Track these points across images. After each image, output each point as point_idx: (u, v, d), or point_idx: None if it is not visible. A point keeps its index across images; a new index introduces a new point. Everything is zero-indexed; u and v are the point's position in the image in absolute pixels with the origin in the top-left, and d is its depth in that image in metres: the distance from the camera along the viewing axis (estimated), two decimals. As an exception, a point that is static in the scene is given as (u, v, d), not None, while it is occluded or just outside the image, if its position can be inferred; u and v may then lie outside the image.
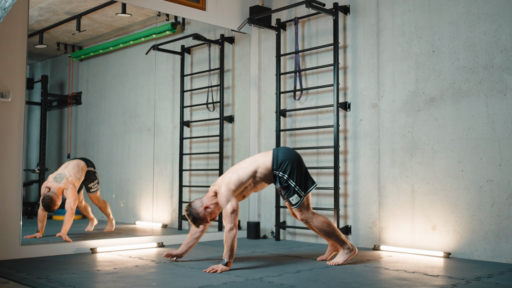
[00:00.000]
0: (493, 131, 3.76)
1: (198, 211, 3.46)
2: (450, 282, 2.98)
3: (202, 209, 3.46)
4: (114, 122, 5.47)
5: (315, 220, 3.56)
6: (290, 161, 3.53)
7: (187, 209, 3.49)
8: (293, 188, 3.50)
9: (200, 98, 5.50)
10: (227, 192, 3.40)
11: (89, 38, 5.31)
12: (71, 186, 4.43)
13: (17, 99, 3.81)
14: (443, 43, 4.06)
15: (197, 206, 3.47)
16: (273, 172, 3.53)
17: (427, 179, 4.08)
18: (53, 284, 2.85)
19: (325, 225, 3.55)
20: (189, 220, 3.49)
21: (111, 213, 4.92)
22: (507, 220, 3.67)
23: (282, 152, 3.57)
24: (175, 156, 5.45)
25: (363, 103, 4.55)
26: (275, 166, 3.52)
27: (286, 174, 3.50)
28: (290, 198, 3.51)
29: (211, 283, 2.94)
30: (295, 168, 3.52)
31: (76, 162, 4.72)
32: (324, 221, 3.56)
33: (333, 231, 3.57)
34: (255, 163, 3.55)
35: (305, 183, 3.55)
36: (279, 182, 3.53)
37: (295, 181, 3.50)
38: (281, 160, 3.53)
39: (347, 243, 3.59)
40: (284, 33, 5.22)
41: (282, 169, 3.51)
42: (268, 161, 3.54)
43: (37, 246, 3.88)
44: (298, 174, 3.52)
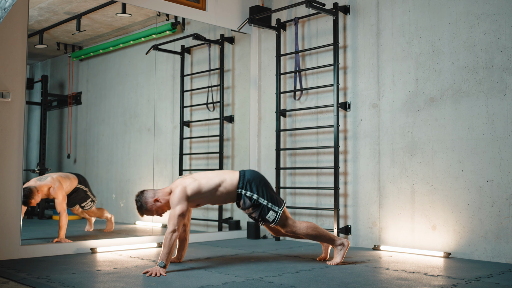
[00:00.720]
0: (493, 131, 3.76)
1: (148, 201, 3.38)
2: (450, 282, 2.98)
3: (151, 201, 3.38)
4: (114, 122, 5.48)
5: (300, 228, 3.52)
6: (257, 181, 3.48)
7: (137, 196, 3.41)
8: (266, 206, 3.43)
9: (200, 98, 5.50)
10: (181, 195, 3.32)
11: (89, 38, 5.31)
12: (58, 184, 4.29)
13: (17, 99, 3.81)
14: (443, 43, 4.06)
15: (148, 196, 3.39)
16: (238, 190, 3.45)
17: (427, 179, 4.08)
18: (53, 284, 2.85)
19: (310, 230, 3.52)
20: (136, 206, 3.41)
21: (108, 214, 4.90)
22: (507, 220, 3.67)
23: (248, 173, 3.52)
24: (175, 156, 5.45)
25: (363, 103, 4.55)
26: (241, 184, 3.45)
27: (255, 194, 3.43)
28: (266, 216, 3.44)
29: (211, 283, 2.94)
30: (263, 187, 3.48)
31: (66, 173, 4.59)
32: (308, 226, 3.52)
33: (320, 233, 3.54)
34: (221, 177, 3.47)
35: (277, 199, 3.50)
36: (249, 201, 3.44)
37: (266, 198, 3.45)
38: (248, 179, 3.46)
39: (337, 240, 3.57)
40: (284, 33, 5.22)
41: (249, 189, 3.44)
42: (234, 178, 3.47)
43: (37, 246, 3.88)
44: (267, 192, 3.47)
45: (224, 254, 4.02)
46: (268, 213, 3.44)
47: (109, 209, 5.08)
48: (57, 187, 4.29)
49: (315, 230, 3.53)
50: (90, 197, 4.57)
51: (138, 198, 3.41)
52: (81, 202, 4.54)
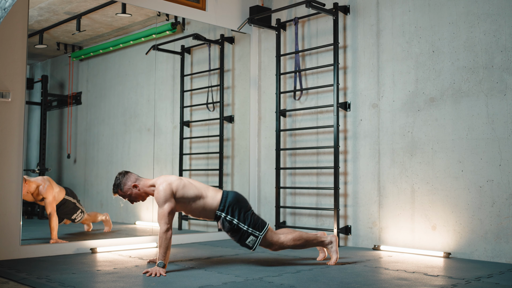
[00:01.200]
0: (493, 131, 3.76)
1: (126, 183, 3.33)
2: (450, 282, 2.98)
3: (130, 184, 3.33)
4: (114, 122, 5.48)
5: (286, 242, 3.47)
6: (239, 205, 3.42)
7: (120, 173, 3.37)
8: (246, 231, 3.38)
9: (200, 98, 5.50)
10: (167, 192, 3.27)
11: (89, 38, 5.31)
12: (48, 184, 4.25)
13: (17, 99, 3.81)
14: (443, 43, 4.06)
15: (130, 179, 3.34)
16: (217, 212, 3.40)
17: (427, 179, 4.08)
18: (53, 284, 2.85)
19: (296, 241, 3.48)
20: (114, 183, 3.37)
21: (101, 215, 4.86)
22: (507, 220, 3.67)
23: (231, 196, 3.45)
24: (175, 156, 5.45)
25: (363, 103, 4.55)
26: (222, 206, 3.40)
27: (235, 218, 3.38)
28: (246, 241, 3.40)
29: (211, 283, 2.94)
30: (244, 211, 3.42)
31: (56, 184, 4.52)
32: (293, 238, 3.47)
33: (306, 240, 3.50)
34: (205, 191, 3.42)
35: (258, 223, 3.43)
36: (228, 225, 3.40)
37: (247, 224, 3.39)
38: (230, 202, 3.40)
39: (325, 240, 3.54)
40: (284, 33, 5.22)
41: (230, 213, 3.39)
42: (216, 198, 3.41)
43: (37, 246, 3.88)
44: (248, 217, 3.41)
45: (224, 254, 4.02)
46: (248, 238, 3.39)
47: (109, 209, 5.08)
48: (47, 186, 4.25)
49: (300, 239, 3.48)
50: (79, 208, 4.48)
51: (120, 176, 3.36)
52: (71, 214, 4.44)
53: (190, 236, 4.89)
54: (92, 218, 4.73)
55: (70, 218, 4.45)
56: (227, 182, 5.39)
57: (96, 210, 5.00)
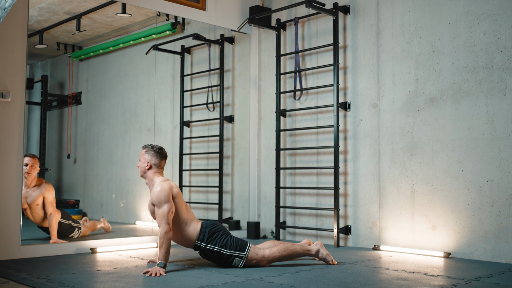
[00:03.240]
0: (493, 131, 3.77)
1: (151, 156, 3.39)
2: (450, 282, 2.98)
3: (150, 159, 3.39)
4: (114, 122, 5.48)
5: (273, 254, 3.45)
6: (219, 233, 3.42)
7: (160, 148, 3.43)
8: (229, 255, 3.39)
9: (200, 98, 5.50)
10: (167, 192, 3.29)
11: (89, 38, 5.31)
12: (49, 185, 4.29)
13: (17, 99, 3.81)
14: (443, 43, 4.06)
15: (154, 157, 3.40)
16: (196, 242, 3.40)
17: (427, 179, 4.08)
18: (53, 284, 2.85)
19: (282, 252, 3.46)
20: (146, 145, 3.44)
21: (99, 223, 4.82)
22: (507, 220, 3.67)
23: (210, 224, 3.46)
24: (175, 156, 5.45)
25: (363, 103, 4.55)
26: (201, 236, 3.39)
27: (216, 246, 3.38)
28: (233, 263, 3.40)
29: (211, 283, 2.94)
30: (223, 236, 3.42)
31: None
32: (279, 250, 3.46)
33: (292, 251, 3.49)
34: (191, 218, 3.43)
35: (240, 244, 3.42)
36: (210, 253, 3.39)
37: (229, 248, 3.39)
38: (209, 231, 3.40)
39: (311, 250, 3.54)
40: (284, 33, 5.22)
41: (210, 242, 3.38)
42: (197, 227, 3.42)
43: (37, 246, 3.88)
44: (228, 240, 3.41)
45: (224, 254, 4.02)
46: (233, 260, 3.40)
47: (109, 209, 5.09)
48: (47, 186, 4.29)
49: (286, 250, 3.48)
50: (75, 227, 4.49)
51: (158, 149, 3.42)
52: (69, 234, 4.45)
53: (190, 236, 4.89)
54: (91, 228, 4.72)
55: (69, 236, 4.46)
56: (227, 182, 5.39)
57: (96, 210, 5.00)
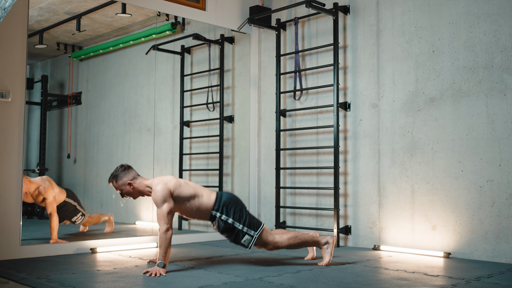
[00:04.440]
0: (493, 131, 3.77)
1: (123, 178, 3.32)
2: (450, 282, 2.99)
3: (126, 181, 3.32)
4: (114, 122, 5.48)
5: (281, 242, 3.47)
6: (234, 204, 3.43)
7: (122, 166, 3.36)
8: (241, 231, 3.39)
9: (200, 98, 5.50)
10: (164, 192, 3.27)
11: (89, 38, 5.31)
12: (48, 184, 4.24)
13: (17, 99, 3.81)
14: (443, 43, 4.06)
15: (128, 175, 3.33)
16: (212, 212, 3.41)
17: (427, 179, 4.08)
18: (53, 284, 2.85)
19: (291, 240, 3.47)
20: (112, 173, 3.36)
21: (105, 216, 4.86)
22: (507, 220, 3.67)
23: (226, 196, 3.47)
24: (175, 156, 5.45)
25: (363, 103, 4.55)
26: (217, 206, 3.40)
27: (231, 217, 3.39)
28: (241, 241, 3.41)
29: (211, 283, 2.94)
30: (239, 211, 3.43)
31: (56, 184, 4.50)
32: (288, 238, 3.47)
33: (301, 240, 3.50)
34: (199, 191, 3.42)
35: (253, 223, 3.44)
36: (223, 224, 3.40)
37: (242, 223, 3.40)
38: (224, 202, 3.41)
39: (321, 241, 3.54)
40: (284, 33, 5.22)
41: (224, 212, 3.40)
42: (211, 198, 3.42)
43: (37, 246, 3.88)
44: (243, 216, 3.42)
45: (224, 254, 4.03)
46: (243, 237, 3.40)
47: (109, 209, 5.08)
48: (47, 186, 4.24)
49: (296, 238, 3.48)
50: (80, 211, 4.47)
51: (120, 169, 3.35)
52: (71, 216, 4.43)
53: (190, 236, 4.89)
54: (95, 220, 4.71)
55: (70, 220, 4.44)
56: (227, 182, 5.39)
57: (96, 210, 5.00)
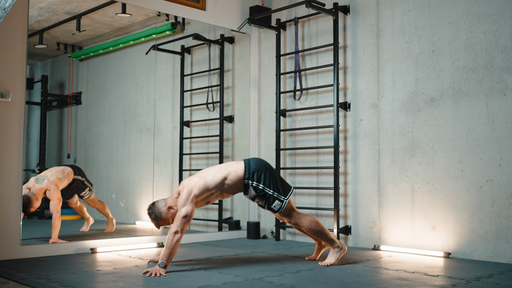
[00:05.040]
0: (493, 131, 3.76)
1: (161, 211, 3.36)
2: (450, 282, 2.99)
3: (165, 209, 3.36)
4: (114, 122, 5.48)
5: (304, 220, 3.54)
6: (263, 170, 3.49)
7: (149, 208, 3.39)
8: (272, 196, 3.46)
9: (200, 98, 5.50)
10: (187, 195, 3.32)
11: (89, 38, 5.31)
12: (54, 187, 4.30)
13: (17, 99, 3.81)
14: (443, 43, 4.06)
15: (161, 206, 3.38)
16: (244, 181, 3.47)
17: (427, 179, 4.08)
18: (53, 284, 2.85)
19: (313, 224, 3.54)
20: (151, 219, 3.39)
21: (110, 213, 4.90)
22: (507, 220, 3.67)
23: (254, 162, 3.53)
24: (175, 156, 5.45)
25: (363, 103, 4.55)
26: (247, 175, 3.46)
27: (261, 184, 3.45)
28: (272, 205, 3.47)
29: (211, 283, 2.94)
30: (269, 176, 3.48)
31: (61, 167, 4.59)
32: (312, 220, 3.55)
33: (322, 229, 3.56)
34: (226, 170, 3.48)
35: (283, 188, 3.51)
36: (254, 191, 3.46)
37: (272, 188, 3.46)
38: (254, 169, 3.47)
39: (336, 242, 3.58)
40: (284, 33, 5.22)
41: (255, 179, 3.45)
42: (240, 170, 3.48)
43: (37, 246, 3.88)
44: (273, 181, 3.48)
45: (224, 254, 4.03)
46: (273, 202, 3.47)
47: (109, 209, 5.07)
48: (53, 190, 4.29)
49: (318, 225, 3.56)
50: (87, 186, 4.61)
51: (151, 210, 3.39)
52: (79, 192, 4.57)
53: (190, 236, 4.89)
54: (101, 206, 4.80)
55: (79, 195, 4.58)
56: (227, 182, 5.38)
57: (96, 210, 4.99)
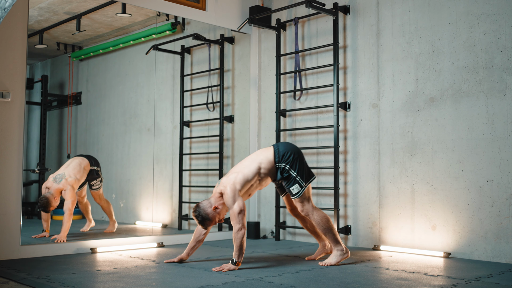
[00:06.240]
0: (493, 131, 3.76)
1: (207, 212, 3.43)
2: (450, 282, 2.99)
3: (211, 210, 3.43)
4: (114, 122, 5.47)
5: (315, 214, 3.57)
6: (292, 153, 3.58)
7: (195, 210, 3.46)
8: (294, 178, 3.52)
9: (200, 98, 5.50)
10: (232, 192, 3.39)
11: (89, 38, 5.31)
12: (70, 188, 4.41)
13: (17, 99, 3.81)
14: (443, 43, 4.06)
15: (206, 206, 3.44)
16: (276, 165, 3.56)
17: (427, 179, 4.08)
18: (53, 284, 2.85)
19: (324, 220, 3.56)
20: (197, 221, 3.45)
21: (113, 214, 4.90)
22: (507, 220, 3.67)
23: (282, 146, 3.63)
24: (175, 156, 5.45)
25: (363, 103, 4.55)
26: (277, 159, 3.56)
27: (288, 165, 3.54)
28: (291, 188, 3.53)
29: (211, 283, 2.94)
30: (297, 159, 3.57)
31: (78, 161, 4.72)
32: (324, 216, 3.58)
33: (331, 228, 3.58)
34: (258, 159, 3.58)
35: (306, 174, 3.58)
36: (281, 173, 3.56)
37: (296, 171, 3.54)
38: (283, 152, 3.57)
39: (341, 244, 3.59)
40: (284, 33, 5.22)
41: (284, 160, 3.55)
42: (270, 155, 3.58)
43: (37, 246, 3.87)
44: (299, 165, 3.56)
45: (224, 254, 4.03)
46: (294, 185, 3.53)
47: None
48: (68, 190, 4.40)
49: (328, 223, 3.58)
50: (100, 177, 4.77)
51: (197, 213, 3.45)
52: (91, 180, 4.72)
53: (190, 236, 4.87)
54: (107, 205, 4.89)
55: (90, 183, 4.73)
56: (227, 182, 5.38)
57: (96, 210, 4.99)
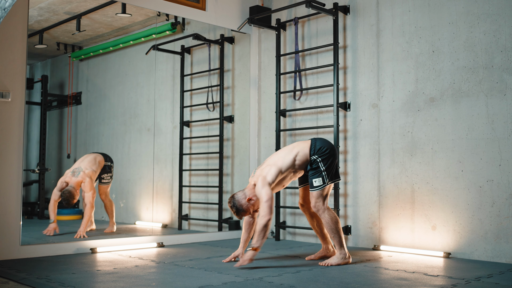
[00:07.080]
0: (493, 131, 3.77)
1: (242, 203, 3.51)
2: (450, 282, 2.99)
3: (245, 201, 3.51)
4: (114, 122, 5.48)
5: (327, 213, 3.59)
6: (328, 148, 3.63)
7: (230, 201, 3.54)
8: (321, 171, 3.57)
9: (200, 98, 5.50)
10: (263, 183, 3.47)
11: (89, 38, 5.31)
12: (88, 180, 4.51)
13: (17, 99, 3.81)
14: (443, 43, 4.06)
15: (241, 198, 3.52)
16: (310, 158, 3.61)
17: (427, 179, 4.08)
18: (53, 284, 2.85)
19: (333, 221, 3.58)
20: (232, 211, 3.54)
21: (114, 216, 4.90)
22: (507, 220, 3.67)
23: (320, 140, 3.69)
24: (175, 156, 5.45)
25: (363, 103, 4.55)
26: (313, 151, 3.61)
27: (320, 158, 3.59)
28: (314, 179, 3.57)
29: (211, 283, 2.94)
30: (330, 156, 3.62)
31: (93, 156, 4.82)
32: (334, 217, 3.60)
33: (339, 230, 3.59)
34: (294, 151, 3.63)
35: (332, 173, 3.62)
36: (310, 165, 3.62)
37: (326, 166, 3.58)
38: (319, 146, 3.63)
39: (345, 249, 3.61)
40: (284, 33, 5.22)
41: (318, 153, 3.60)
42: (306, 148, 3.63)
43: (37, 246, 3.88)
44: (330, 162, 3.60)
45: (224, 254, 4.02)
46: (318, 177, 3.57)
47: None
48: (87, 182, 4.52)
49: (337, 224, 3.60)
50: (111, 172, 4.86)
51: (232, 203, 3.53)
52: (103, 173, 4.80)
53: (190, 236, 4.89)
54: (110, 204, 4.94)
55: (101, 176, 4.81)
56: (227, 182, 5.39)
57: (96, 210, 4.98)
